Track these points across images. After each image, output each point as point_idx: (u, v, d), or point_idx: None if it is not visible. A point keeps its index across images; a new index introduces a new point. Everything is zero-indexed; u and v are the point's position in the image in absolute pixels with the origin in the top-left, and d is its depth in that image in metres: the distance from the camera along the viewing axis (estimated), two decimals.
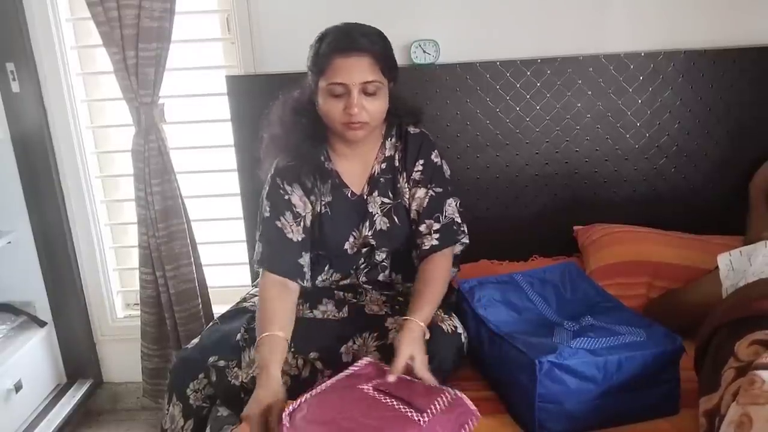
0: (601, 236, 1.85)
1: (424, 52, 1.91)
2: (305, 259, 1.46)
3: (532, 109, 1.94)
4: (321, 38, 1.38)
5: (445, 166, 1.54)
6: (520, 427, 1.26)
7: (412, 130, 1.53)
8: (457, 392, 1.16)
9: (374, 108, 1.37)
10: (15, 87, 1.98)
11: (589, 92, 1.92)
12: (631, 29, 1.93)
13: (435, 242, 1.46)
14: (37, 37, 1.98)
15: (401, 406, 1.12)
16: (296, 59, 1.93)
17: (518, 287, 1.54)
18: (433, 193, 1.48)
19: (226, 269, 2.30)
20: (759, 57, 1.89)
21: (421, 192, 1.49)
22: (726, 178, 1.96)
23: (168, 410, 1.42)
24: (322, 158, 1.50)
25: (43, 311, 2.19)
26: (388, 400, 1.14)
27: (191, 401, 1.40)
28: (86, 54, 2.10)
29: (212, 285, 2.17)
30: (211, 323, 1.58)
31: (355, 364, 1.26)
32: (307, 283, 1.48)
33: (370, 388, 1.18)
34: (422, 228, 1.47)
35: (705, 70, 1.89)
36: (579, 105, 1.93)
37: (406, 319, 1.30)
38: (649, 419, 1.25)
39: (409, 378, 1.22)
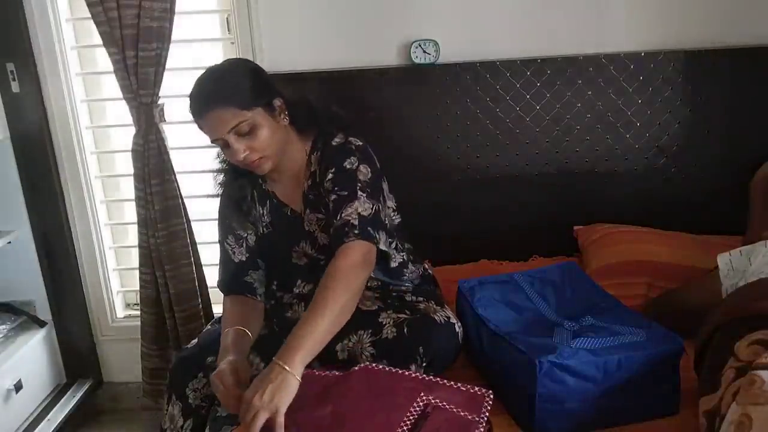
0: (601, 236, 1.85)
1: (424, 52, 1.90)
2: (254, 276, 1.52)
3: (532, 109, 1.94)
4: None
5: (364, 170, 1.41)
6: (520, 427, 1.26)
7: (335, 141, 1.46)
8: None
9: (259, 142, 1.36)
10: (15, 87, 1.98)
11: (589, 92, 1.92)
12: (631, 29, 1.93)
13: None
14: (37, 37, 1.97)
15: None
16: (296, 59, 1.97)
17: (518, 287, 1.54)
18: (336, 197, 1.38)
19: None
20: (759, 57, 1.89)
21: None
22: (726, 178, 1.96)
23: (167, 410, 1.43)
24: (260, 181, 1.53)
25: (43, 311, 2.19)
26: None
27: (190, 400, 1.40)
28: (86, 54, 2.10)
29: (212, 285, 2.15)
30: (209, 324, 1.59)
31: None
32: (260, 298, 1.51)
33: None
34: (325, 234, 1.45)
35: (705, 70, 1.89)
36: (579, 105, 1.93)
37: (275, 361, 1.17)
38: (649, 419, 1.25)
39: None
